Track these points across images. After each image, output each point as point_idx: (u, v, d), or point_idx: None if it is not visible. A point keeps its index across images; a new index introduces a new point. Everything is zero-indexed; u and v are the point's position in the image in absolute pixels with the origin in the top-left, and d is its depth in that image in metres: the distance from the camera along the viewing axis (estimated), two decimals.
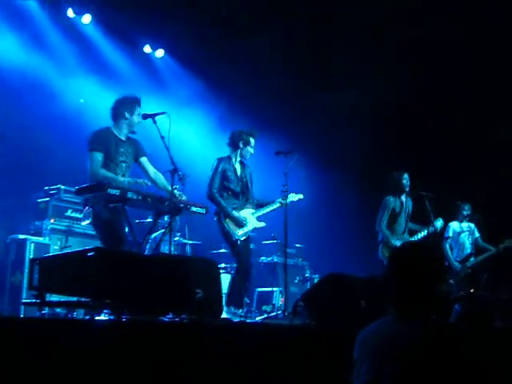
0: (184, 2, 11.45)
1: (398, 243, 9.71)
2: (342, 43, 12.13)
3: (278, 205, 8.97)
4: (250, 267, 8.87)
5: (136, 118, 7.50)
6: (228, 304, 8.50)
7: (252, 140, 9.00)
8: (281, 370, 4.94)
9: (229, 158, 8.96)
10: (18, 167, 10.06)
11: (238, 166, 8.98)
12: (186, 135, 12.51)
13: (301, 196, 9.31)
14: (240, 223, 8.71)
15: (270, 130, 12.44)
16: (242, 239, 8.75)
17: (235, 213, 8.72)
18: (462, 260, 11.18)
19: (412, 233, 10.01)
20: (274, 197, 9.10)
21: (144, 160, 7.71)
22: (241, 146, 8.96)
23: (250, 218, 8.87)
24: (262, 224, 8.99)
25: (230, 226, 8.66)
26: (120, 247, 6.99)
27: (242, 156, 9.03)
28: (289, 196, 9.03)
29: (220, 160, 8.86)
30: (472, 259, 11.17)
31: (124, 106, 7.52)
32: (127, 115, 7.49)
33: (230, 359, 4.76)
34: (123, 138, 7.52)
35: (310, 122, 13.17)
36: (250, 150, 9.01)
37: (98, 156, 7.21)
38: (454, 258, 11.25)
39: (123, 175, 7.39)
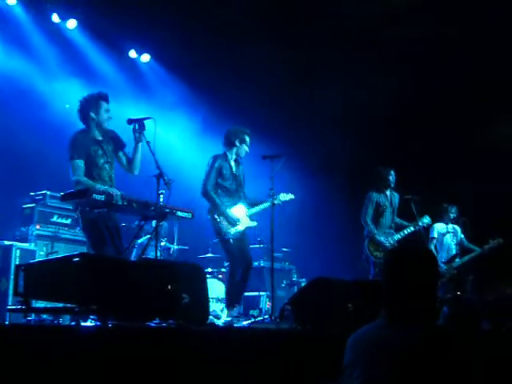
0: (169, 8, 11.43)
1: (382, 238, 9.75)
2: (328, 44, 12.17)
3: (269, 203, 8.96)
4: (250, 261, 8.85)
5: (104, 115, 7.38)
6: (231, 306, 8.52)
7: (247, 138, 9.01)
8: (268, 374, 4.94)
9: (225, 155, 8.97)
10: (3, 172, 10.02)
11: (233, 164, 8.98)
12: (172, 140, 12.49)
13: (292, 196, 9.31)
14: (233, 222, 8.70)
15: (256, 134, 12.43)
16: (235, 238, 8.72)
17: (229, 211, 8.72)
18: (448, 261, 11.21)
19: (398, 228, 10.04)
20: (260, 200, 9.11)
21: (120, 154, 7.65)
22: (237, 144, 8.97)
23: (243, 217, 8.86)
24: (255, 223, 8.98)
25: (223, 224, 8.65)
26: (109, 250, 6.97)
27: (237, 154, 9.03)
28: (280, 195, 9.05)
29: (216, 157, 8.86)
30: (457, 260, 11.22)
31: (88, 107, 7.42)
32: (93, 115, 7.39)
33: (217, 364, 4.75)
34: (100, 138, 7.43)
35: (297, 126, 13.20)
36: (246, 147, 9.02)
37: (80, 163, 7.12)
38: (440, 260, 11.28)
39: (110, 177, 7.35)
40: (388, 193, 10.06)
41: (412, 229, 10.00)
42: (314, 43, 12.35)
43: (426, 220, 10.14)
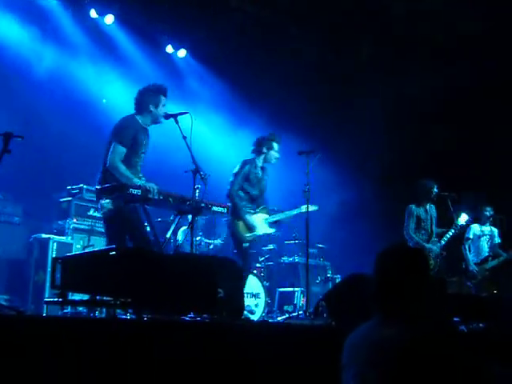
0: (206, 3, 11.46)
1: (430, 245, 9.72)
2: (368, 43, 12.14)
3: (291, 213, 9.12)
4: (247, 271, 8.87)
5: (161, 111, 7.38)
6: None
7: (275, 144, 9.03)
8: (302, 370, 4.93)
9: (254, 161, 8.99)
10: (40, 167, 10.13)
11: (259, 171, 8.99)
12: (208, 135, 12.51)
13: (315, 207, 9.26)
14: (250, 227, 8.72)
15: (293, 129, 12.45)
16: (248, 243, 8.75)
17: (248, 216, 8.76)
18: (480, 262, 11.14)
19: (439, 236, 9.98)
20: (296, 196, 9.10)
21: None
22: (264, 150, 8.98)
23: (261, 224, 8.88)
24: (272, 230, 9.01)
25: (240, 228, 8.69)
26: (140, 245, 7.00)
27: (266, 161, 9.06)
28: (302, 207, 9.06)
29: (246, 162, 8.92)
30: (490, 262, 11.13)
31: (148, 98, 7.38)
32: (152, 108, 7.37)
33: (252, 359, 4.76)
34: (147, 127, 7.46)
35: (336, 123, 13.14)
36: (275, 154, 9.05)
37: (121, 149, 7.09)
38: (471, 261, 11.21)
39: (140, 166, 7.35)
40: (427, 206, 10.00)
41: (453, 231, 9.93)
42: (354, 42, 12.31)
43: (465, 218, 10.03)
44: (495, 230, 11.45)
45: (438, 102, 12.27)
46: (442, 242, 9.87)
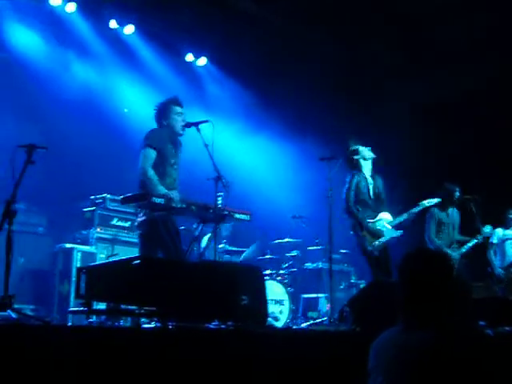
0: (224, 10, 11.50)
1: (449, 251, 9.68)
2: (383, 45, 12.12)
3: (406, 216, 9.02)
4: (390, 272, 8.73)
5: (175, 120, 7.46)
6: None
7: (361, 148, 9.16)
8: (327, 376, 4.92)
9: (360, 170, 9.06)
10: (63, 177, 10.17)
11: (369, 178, 9.03)
12: (229, 142, 12.52)
13: (437, 200, 9.28)
14: (377, 234, 8.71)
15: (314, 135, 12.45)
16: (379, 250, 8.72)
17: (371, 225, 8.77)
18: (506, 267, 11.08)
19: (461, 244, 9.93)
20: (318, 201, 9.11)
21: None
22: (361, 163, 9.12)
23: (387, 228, 8.85)
24: (399, 232, 8.94)
25: (367, 238, 8.68)
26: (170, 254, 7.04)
27: (368, 168, 9.12)
28: (423, 202, 9.14)
29: (353, 174, 8.99)
30: None
31: (159, 114, 7.55)
32: (164, 122, 7.49)
33: (277, 366, 4.75)
34: (174, 139, 7.53)
35: (356, 128, 13.11)
36: (367, 155, 9.15)
37: (151, 153, 7.20)
38: (497, 265, 11.14)
39: (175, 178, 7.41)
40: (450, 210, 9.95)
41: (475, 241, 9.89)
42: (371, 42, 12.29)
43: (488, 230, 9.98)
44: None
45: (457, 104, 12.22)
46: (463, 249, 9.82)
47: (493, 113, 12.07)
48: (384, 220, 8.86)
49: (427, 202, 9.11)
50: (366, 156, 9.08)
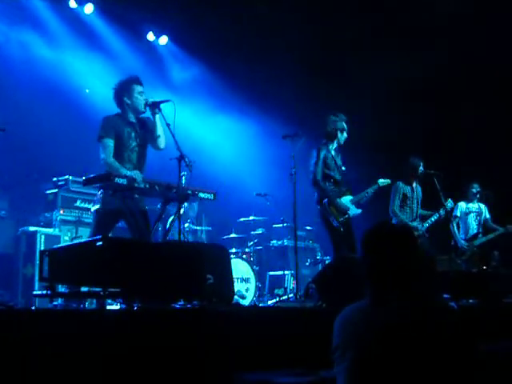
0: None
1: (415, 224, 9.74)
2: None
3: (370, 193, 9.06)
4: (355, 248, 8.64)
5: (138, 99, 7.35)
6: None
7: (344, 124, 9.03)
8: (293, 352, 4.94)
9: (326, 145, 8.95)
10: (25, 159, 10.08)
11: (335, 154, 8.96)
12: (191, 121, 12.45)
13: (388, 181, 9.29)
14: (344, 210, 8.70)
15: (277, 113, 12.43)
16: (344, 226, 8.71)
17: (339, 200, 8.74)
18: (469, 239, 11.23)
19: (423, 218, 9.99)
20: (282, 179, 9.12)
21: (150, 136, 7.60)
22: (338, 135, 8.99)
23: (350, 205, 8.84)
24: (359, 210, 8.94)
25: (334, 213, 8.66)
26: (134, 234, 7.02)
27: (338, 143, 9.01)
28: (379, 182, 9.11)
29: (320, 148, 8.85)
30: (479, 238, 11.19)
31: (121, 92, 7.42)
32: (127, 100, 7.38)
33: (243, 344, 4.76)
34: (134, 121, 7.44)
35: (321, 106, 13.10)
36: (345, 134, 9.01)
37: (109, 142, 7.14)
38: (461, 238, 11.27)
39: (139, 160, 7.33)
40: (414, 185, 10.00)
41: (437, 216, 9.95)
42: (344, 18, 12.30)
43: (450, 204, 10.03)
44: (483, 206, 11.49)
45: (423, 81, 12.27)
46: (426, 224, 9.88)
47: (457, 89, 12.16)
48: (347, 197, 8.89)
49: (381, 182, 9.15)
50: (340, 127, 8.99)
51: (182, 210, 7.57)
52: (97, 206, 7.15)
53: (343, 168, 9.03)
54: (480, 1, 11.25)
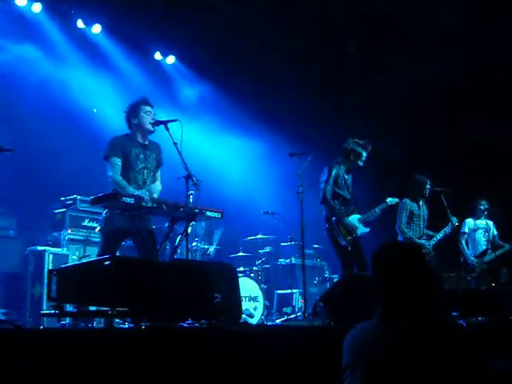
0: (193, 8, 11.47)
1: (423, 242, 9.70)
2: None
3: (378, 211, 9.08)
4: (366, 266, 8.63)
5: (144, 118, 7.41)
6: None
7: (364, 153, 8.98)
8: (302, 371, 4.93)
9: (339, 163, 8.95)
10: (33, 179, 10.12)
11: (345, 173, 8.98)
12: (198, 141, 12.48)
13: (397, 199, 9.31)
14: (352, 229, 8.70)
15: (284, 131, 12.45)
16: (351, 245, 8.71)
17: (347, 219, 8.74)
18: (478, 256, 11.18)
19: (430, 237, 9.95)
20: (289, 197, 9.13)
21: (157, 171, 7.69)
22: (351, 158, 8.96)
23: (358, 223, 8.83)
24: (368, 229, 8.94)
25: (342, 232, 8.66)
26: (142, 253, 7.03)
27: (350, 166, 9.01)
28: (387, 200, 9.13)
29: (332, 166, 8.85)
30: (488, 255, 11.14)
31: (129, 114, 7.52)
32: (133, 120, 7.46)
33: (251, 363, 4.75)
34: (143, 143, 7.49)
35: (327, 123, 13.13)
36: (360, 163, 8.99)
37: (116, 161, 7.20)
38: (470, 254, 11.23)
39: (144, 181, 7.37)
40: (421, 202, 9.97)
41: (444, 233, 9.91)
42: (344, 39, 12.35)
43: (455, 222, 9.99)
44: (491, 223, 11.46)
45: (429, 95, 12.30)
46: (432, 241, 9.84)
47: (461, 105, 12.16)
48: (355, 216, 8.88)
49: (389, 201, 9.15)
50: (358, 160, 9.00)
51: (189, 229, 7.58)
52: (102, 226, 7.18)
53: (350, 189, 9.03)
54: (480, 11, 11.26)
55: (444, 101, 12.33)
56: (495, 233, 11.44)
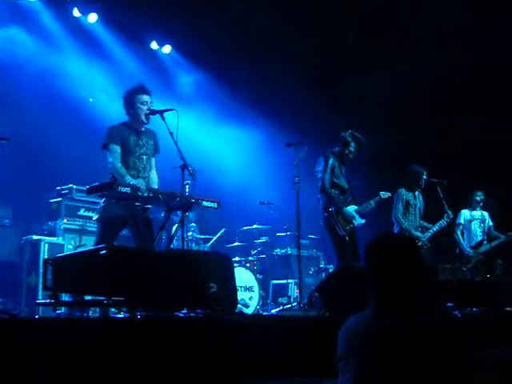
0: None
1: (419, 234, 9.69)
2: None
3: (373, 204, 9.08)
4: (359, 256, 8.70)
5: (139, 109, 7.38)
6: None
7: (356, 146, 8.99)
8: (297, 361, 4.94)
9: (334, 154, 8.95)
10: (29, 168, 10.12)
11: (340, 163, 8.98)
12: (194, 130, 12.47)
13: (389, 194, 9.29)
14: (350, 219, 8.70)
15: (281, 121, 12.43)
16: (348, 235, 8.72)
17: (345, 209, 8.75)
18: (474, 246, 11.20)
19: (426, 229, 9.94)
20: (285, 187, 9.12)
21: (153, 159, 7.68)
22: (346, 149, 8.99)
23: (355, 214, 8.85)
24: (363, 220, 8.96)
25: (341, 222, 8.66)
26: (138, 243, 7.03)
27: (345, 157, 9.03)
28: (380, 194, 9.13)
29: (328, 156, 8.87)
30: (484, 246, 11.16)
31: (125, 103, 7.50)
32: (130, 110, 7.45)
33: (247, 353, 4.76)
34: (140, 129, 7.49)
35: (324, 114, 13.11)
36: (351, 156, 9.02)
37: (116, 148, 7.21)
38: (466, 245, 11.24)
39: (144, 168, 7.38)
40: (417, 193, 9.96)
41: (439, 225, 9.89)
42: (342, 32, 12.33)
43: (450, 215, 9.97)
44: (486, 214, 11.47)
45: (426, 89, 12.29)
46: (428, 234, 9.83)
47: (456, 98, 12.16)
48: (352, 207, 8.89)
49: (382, 194, 9.15)
50: (350, 152, 9.00)
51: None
52: (99, 215, 7.17)
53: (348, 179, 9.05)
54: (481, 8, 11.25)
55: (439, 97, 12.32)
56: (491, 224, 11.45)
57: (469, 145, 12.00)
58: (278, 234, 12.11)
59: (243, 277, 10.14)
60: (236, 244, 11.40)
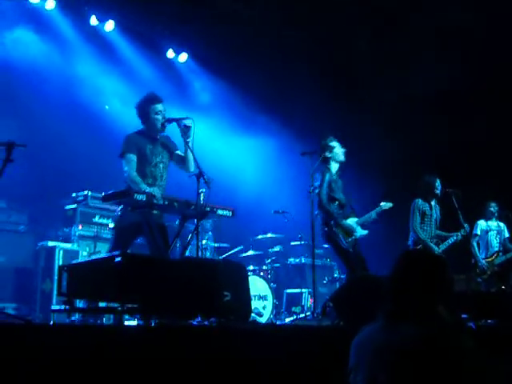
0: (206, 6, 11.48)
1: (433, 245, 9.61)
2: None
3: (374, 215, 9.02)
4: (364, 265, 8.71)
5: (155, 120, 7.38)
6: None
7: (336, 144, 8.97)
8: (310, 371, 4.93)
9: (327, 168, 8.91)
10: (45, 175, 10.15)
11: (336, 177, 8.96)
12: (210, 139, 12.50)
13: (391, 204, 9.26)
14: (350, 231, 8.70)
15: (296, 130, 12.43)
16: (352, 246, 8.71)
17: (345, 222, 8.74)
18: (490, 257, 11.12)
19: (441, 239, 9.87)
20: (300, 196, 9.11)
21: (175, 155, 7.66)
22: (328, 155, 8.89)
23: (356, 226, 8.83)
24: (366, 232, 8.94)
25: (341, 234, 8.66)
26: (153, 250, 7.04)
27: (338, 162, 8.99)
28: (381, 205, 9.06)
29: (325, 170, 8.84)
30: (499, 257, 11.10)
31: (139, 112, 7.50)
32: (145, 120, 7.45)
33: (260, 361, 4.75)
34: (156, 137, 7.49)
35: (340, 123, 13.10)
36: (340, 156, 8.96)
37: (132, 157, 7.21)
38: (481, 256, 11.19)
39: (161, 176, 7.39)
40: (433, 203, 9.89)
41: (454, 238, 9.80)
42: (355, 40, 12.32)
43: (467, 228, 9.90)
44: (503, 225, 11.41)
45: (441, 97, 12.26)
46: (443, 246, 9.73)
47: (470, 107, 12.12)
48: (352, 219, 8.87)
49: (384, 205, 9.09)
50: (337, 158, 8.96)
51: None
52: (116, 223, 7.20)
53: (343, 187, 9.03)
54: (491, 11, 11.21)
55: (454, 102, 12.27)
56: (507, 235, 11.39)
57: (482, 153, 11.96)
58: (292, 243, 12.09)
59: (257, 286, 10.13)
60: (250, 253, 11.39)
